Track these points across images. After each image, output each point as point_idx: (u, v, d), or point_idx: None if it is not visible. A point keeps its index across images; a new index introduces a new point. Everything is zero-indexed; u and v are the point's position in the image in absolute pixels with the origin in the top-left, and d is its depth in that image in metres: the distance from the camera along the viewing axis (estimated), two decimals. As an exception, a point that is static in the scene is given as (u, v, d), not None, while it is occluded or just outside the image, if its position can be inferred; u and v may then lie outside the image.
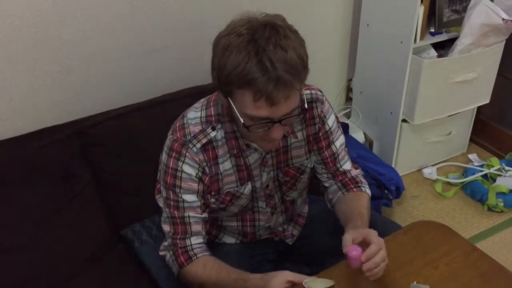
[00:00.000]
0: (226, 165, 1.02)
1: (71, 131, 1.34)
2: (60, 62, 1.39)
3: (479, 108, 2.12)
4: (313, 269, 1.20)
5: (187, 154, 0.98)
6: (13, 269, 1.18)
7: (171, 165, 0.99)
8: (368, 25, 1.92)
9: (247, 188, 1.05)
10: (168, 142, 1.01)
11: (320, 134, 1.09)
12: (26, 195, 1.25)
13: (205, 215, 1.04)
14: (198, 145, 0.98)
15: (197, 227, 1.02)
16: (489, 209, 1.94)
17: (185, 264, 1.01)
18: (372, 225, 1.16)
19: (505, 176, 1.98)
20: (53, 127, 1.36)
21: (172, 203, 1.01)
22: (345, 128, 2.00)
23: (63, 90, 1.43)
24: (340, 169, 1.14)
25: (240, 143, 1.00)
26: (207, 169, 1.00)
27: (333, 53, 2.05)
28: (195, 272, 1.00)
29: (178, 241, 1.02)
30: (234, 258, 1.11)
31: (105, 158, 1.38)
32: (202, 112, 1.01)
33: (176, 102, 1.47)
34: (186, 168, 0.98)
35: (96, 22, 1.40)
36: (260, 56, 0.80)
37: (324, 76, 2.06)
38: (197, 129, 0.99)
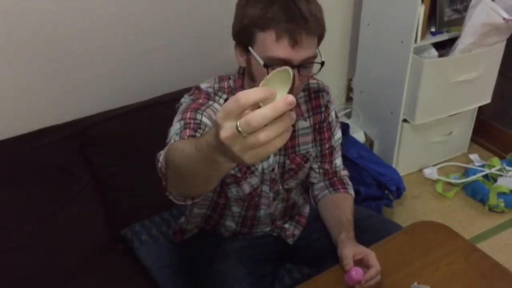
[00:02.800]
0: None
1: (70, 131, 1.34)
2: (60, 61, 1.39)
3: (480, 108, 2.11)
4: (313, 270, 1.20)
5: (215, 101, 0.98)
6: (13, 269, 1.18)
7: (200, 100, 0.97)
8: (368, 24, 1.91)
9: (260, 165, 1.07)
10: (189, 98, 1.00)
11: (325, 124, 1.13)
12: (26, 195, 1.25)
13: (235, 170, 1.04)
14: (224, 96, 1.00)
15: None
16: (490, 209, 1.93)
17: (177, 139, 0.85)
18: (372, 226, 1.17)
19: (506, 176, 1.98)
20: (52, 127, 1.35)
21: (187, 119, 0.90)
22: (345, 128, 2.00)
23: (63, 90, 1.43)
24: (333, 166, 1.18)
25: None
26: None
27: (333, 53, 2.05)
28: (175, 144, 0.78)
29: (185, 134, 0.87)
30: (234, 257, 1.11)
31: (104, 158, 1.38)
32: (215, 84, 1.04)
33: (176, 102, 1.47)
34: (217, 106, 0.97)
35: (95, 22, 1.40)
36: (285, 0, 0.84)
37: (324, 76, 2.05)
38: (215, 92, 1.01)
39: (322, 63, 0.93)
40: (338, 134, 1.17)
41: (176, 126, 0.93)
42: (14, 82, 1.34)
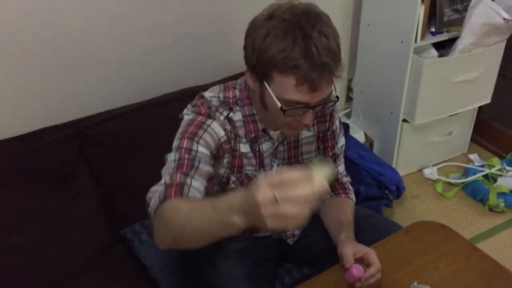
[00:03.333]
0: (246, 147, 1.02)
1: (70, 131, 1.34)
2: (60, 62, 1.39)
3: (480, 108, 2.12)
4: (313, 269, 1.20)
5: (215, 118, 0.96)
6: (14, 269, 1.18)
7: (198, 119, 0.95)
8: (368, 24, 1.92)
9: (262, 175, 1.06)
10: (191, 109, 0.98)
11: (329, 132, 1.12)
12: (26, 195, 1.25)
13: (235, 184, 1.02)
14: (225, 113, 0.97)
15: (202, 176, 0.89)
16: (490, 209, 1.93)
17: (173, 197, 0.82)
18: (372, 226, 1.17)
19: (506, 176, 1.98)
20: (53, 127, 1.36)
21: (183, 150, 0.91)
22: (345, 128, 2.00)
23: (63, 90, 1.43)
24: (336, 174, 1.17)
25: (258, 126, 1.00)
26: (232, 141, 0.99)
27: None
28: (174, 205, 0.80)
29: (178, 176, 0.87)
30: (234, 257, 1.11)
31: (105, 158, 1.38)
32: (220, 94, 1.01)
33: (176, 102, 1.47)
34: (215, 126, 0.95)
35: (96, 23, 1.40)
36: (306, 41, 0.81)
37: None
38: (218, 104, 0.98)
39: (337, 98, 0.93)
40: (341, 141, 1.16)
41: (171, 157, 0.91)
42: (14, 82, 1.34)
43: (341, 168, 1.19)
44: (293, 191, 0.58)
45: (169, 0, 1.50)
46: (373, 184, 1.75)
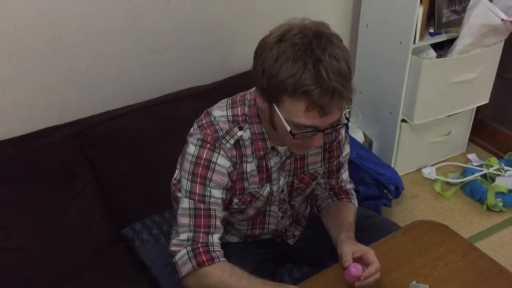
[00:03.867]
0: (251, 166, 1.01)
1: (71, 131, 1.34)
2: (61, 62, 1.39)
3: (478, 108, 2.12)
4: (313, 269, 1.21)
5: (222, 147, 0.96)
6: (14, 269, 1.18)
7: (204, 156, 0.95)
8: (367, 25, 1.92)
9: (266, 190, 1.05)
10: (198, 135, 0.97)
11: (335, 143, 1.11)
12: (26, 195, 1.25)
13: (226, 213, 1.02)
14: (232, 141, 0.96)
15: (219, 223, 0.98)
16: (488, 208, 1.94)
17: (206, 264, 0.93)
18: (371, 225, 1.17)
19: (504, 176, 1.98)
20: (53, 127, 1.36)
21: (197, 197, 0.95)
22: (345, 128, 2.00)
23: (63, 90, 1.43)
24: (339, 181, 1.17)
25: (268, 144, 0.99)
26: (237, 166, 0.99)
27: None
28: (220, 275, 0.93)
29: (201, 235, 0.95)
30: (235, 257, 1.11)
31: (105, 158, 1.38)
32: (228, 111, 0.99)
33: (176, 102, 1.48)
34: (221, 160, 0.95)
35: (97, 23, 1.40)
36: (317, 67, 0.80)
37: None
38: (226, 126, 0.97)
39: (348, 120, 0.92)
40: (346, 150, 1.15)
41: (185, 203, 0.96)
42: (16, 82, 1.35)
43: (345, 175, 1.18)
44: None
45: (169, 1, 1.50)
46: (372, 183, 1.75)
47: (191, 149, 0.97)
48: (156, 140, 1.35)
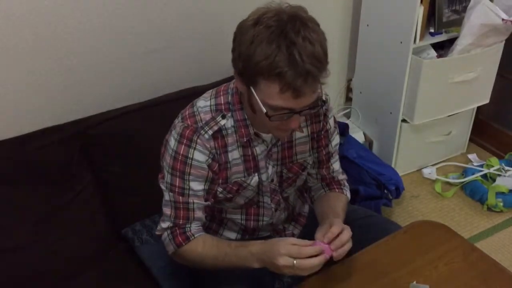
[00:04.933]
0: (234, 154, 1.03)
1: (71, 131, 1.34)
2: (60, 62, 1.39)
3: (478, 108, 2.12)
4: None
5: (198, 140, 0.98)
6: (13, 269, 1.18)
7: (181, 152, 0.99)
8: (368, 25, 1.92)
9: (254, 180, 1.06)
10: (178, 129, 1.00)
11: (323, 132, 1.12)
12: (26, 195, 1.25)
13: (207, 202, 1.05)
14: (210, 132, 0.98)
15: (199, 213, 1.04)
16: (489, 209, 1.94)
17: (183, 244, 1.02)
18: (372, 225, 1.17)
19: (504, 176, 1.98)
20: (53, 127, 1.36)
21: (177, 190, 1.01)
22: (345, 128, 2.00)
23: (63, 90, 1.43)
24: (330, 171, 1.18)
25: (250, 131, 1.01)
26: (217, 156, 1.01)
27: (333, 53, 2.03)
28: (195, 249, 1.02)
29: (179, 224, 1.03)
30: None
31: (105, 158, 1.38)
32: (212, 100, 1.02)
33: (176, 102, 1.47)
34: (197, 155, 0.98)
35: (96, 22, 1.40)
36: (290, 49, 0.81)
37: (324, 76, 2.06)
38: (207, 116, 0.99)
39: (324, 102, 0.94)
40: (335, 140, 1.16)
41: (166, 196, 1.05)
42: (15, 82, 1.35)
43: (336, 165, 1.19)
44: (307, 261, 0.89)
45: (170, 0, 1.50)
46: (372, 183, 1.75)
47: (172, 142, 1.01)
48: (156, 140, 1.35)
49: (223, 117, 1.00)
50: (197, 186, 1.01)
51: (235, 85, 1.00)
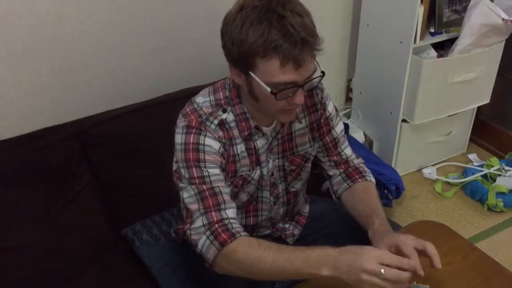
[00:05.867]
0: (241, 148, 1.02)
1: (71, 131, 1.34)
2: (60, 62, 1.39)
3: (479, 108, 2.12)
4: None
5: (207, 129, 0.97)
6: (13, 269, 1.18)
7: (191, 140, 0.95)
8: (368, 25, 1.92)
9: (257, 174, 1.06)
10: (181, 124, 0.98)
11: (322, 120, 1.12)
12: (26, 195, 1.25)
13: (230, 187, 1.01)
14: (216, 122, 0.98)
15: (227, 197, 0.95)
16: (489, 209, 1.94)
17: (228, 241, 0.89)
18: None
19: (504, 176, 1.98)
20: (53, 127, 1.36)
21: (197, 181, 0.94)
22: (345, 128, 1.99)
23: (63, 90, 1.43)
24: (343, 156, 1.16)
25: (251, 124, 1.01)
26: (226, 147, 1.00)
27: (333, 53, 2.05)
28: (246, 249, 0.88)
29: (213, 214, 0.91)
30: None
31: (105, 158, 1.38)
32: (211, 97, 1.01)
33: (176, 102, 1.46)
34: (209, 141, 0.96)
35: (96, 22, 1.40)
36: (281, 22, 0.83)
37: (324, 76, 2.06)
38: (209, 110, 0.99)
39: (323, 74, 0.94)
40: (339, 126, 1.16)
41: (189, 191, 0.95)
42: (15, 82, 1.35)
43: (348, 151, 1.17)
44: (403, 275, 0.79)
45: (169, 0, 1.50)
46: (372, 184, 1.75)
47: (178, 138, 0.98)
48: (156, 140, 1.35)
49: (224, 111, 0.99)
50: (216, 171, 0.95)
51: (231, 80, 1.00)
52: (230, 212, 0.93)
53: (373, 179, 1.17)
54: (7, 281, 1.16)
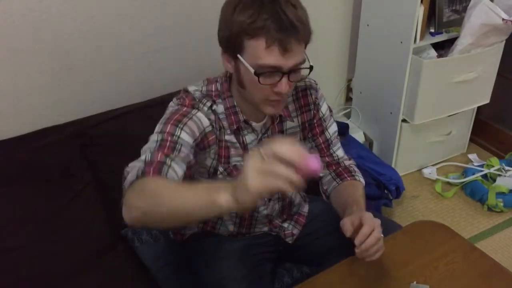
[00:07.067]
0: (232, 138, 1.03)
1: (71, 131, 1.34)
2: (60, 62, 1.39)
3: (479, 108, 2.12)
4: (313, 269, 1.21)
5: (200, 109, 0.98)
6: (13, 269, 1.18)
7: (184, 110, 0.96)
8: (368, 25, 1.92)
9: None
10: (176, 102, 0.99)
11: (315, 120, 1.13)
12: (26, 195, 1.25)
13: (189, 163, 0.93)
14: (208, 104, 0.99)
15: (181, 163, 0.88)
16: (489, 209, 1.94)
17: (150, 174, 0.82)
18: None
19: (505, 176, 1.98)
20: (53, 127, 1.36)
21: (166, 134, 0.91)
22: (345, 128, 2.00)
23: (63, 90, 1.43)
24: (334, 158, 1.17)
25: (240, 118, 1.02)
26: (215, 130, 1.00)
27: (333, 53, 2.05)
28: (154, 180, 0.81)
29: (158, 155, 0.86)
30: (234, 257, 1.12)
31: (105, 158, 1.38)
32: (203, 88, 1.03)
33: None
34: (199, 115, 0.97)
35: (96, 22, 1.40)
36: (273, 6, 0.84)
37: (324, 76, 2.06)
38: (201, 96, 1.01)
39: (311, 68, 0.94)
40: (332, 127, 1.16)
41: (153, 138, 0.92)
42: (15, 82, 1.35)
43: (340, 152, 1.18)
44: (279, 147, 0.62)
45: (170, 1, 1.50)
46: (372, 184, 1.75)
47: (170, 109, 0.99)
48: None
49: (214, 102, 1.01)
50: (187, 138, 0.92)
51: (225, 75, 1.02)
52: (176, 166, 0.86)
53: (362, 180, 1.17)
54: (7, 281, 1.16)
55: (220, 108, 1.01)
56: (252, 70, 0.88)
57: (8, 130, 1.33)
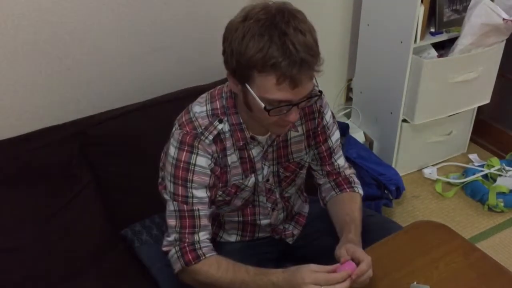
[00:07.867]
0: (233, 158, 1.03)
1: (71, 131, 1.34)
2: (60, 62, 1.39)
3: (479, 108, 2.12)
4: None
5: (199, 146, 0.97)
6: (13, 269, 1.18)
7: (183, 159, 0.97)
8: (368, 25, 1.92)
9: (251, 181, 1.06)
10: (177, 136, 0.99)
11: (319, 128, 1.12)
12: (26, 195, 1.25)
13: (212, 208, 1.04)
14: (210, 137, 0.98)
15: (205, 221, 1.01)
16: (490, 209, 1.94)
17: (193, 262, 0.98)
18: (372, 225, 1.17)
19: (505, 176, 1.98)
20: (53, 127, 1.36)
21: (180, 199, 0.99)
22: (345, 128, 2.00)
23: (63, 90, 1.43)
24: (335, 167, 1.17)
25: (246, 135, 1.01)
26: (218, 160, 1.01)
27: (333, 53, 2.05)
28: (207, 270, 0.97)
29: (186, 236, 0.99)
30: (235, 257, 1.11)
31: (105, 158, 1.38)
32: (208, 106, 1.01)
33: (176, 102, 1.47)
34: (200, 160, 0.98)
35: (96, 22, 1.40)
36: (282, 39, 0.82)
37: (324, 76, 2.05)
38: (205, 122, 0.99)
39: (320, 93, 0.93)
40: (335, 135, 1.15)
41: (170, 206, 1.01)
42: (15, 82, 1.35)
43: (341, 161, 1.17)
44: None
45: (170, 1, 1.50)
46: (372, 184, 1.75)
47: (171, 150, 1.00)
48: (156, 140, 1.35)
49: (220, 121, 1.00)
50: (200, 193, 0.99)
51: (229, 88, 0.99)
52: (203, 234, 1.00)
53: (361, 191, 1.17)
54: (7, 281, 1.16)
55: (226, 126, 1.00)
56: (262, 105, 0.87)
57: (8, 130, 1.33)
